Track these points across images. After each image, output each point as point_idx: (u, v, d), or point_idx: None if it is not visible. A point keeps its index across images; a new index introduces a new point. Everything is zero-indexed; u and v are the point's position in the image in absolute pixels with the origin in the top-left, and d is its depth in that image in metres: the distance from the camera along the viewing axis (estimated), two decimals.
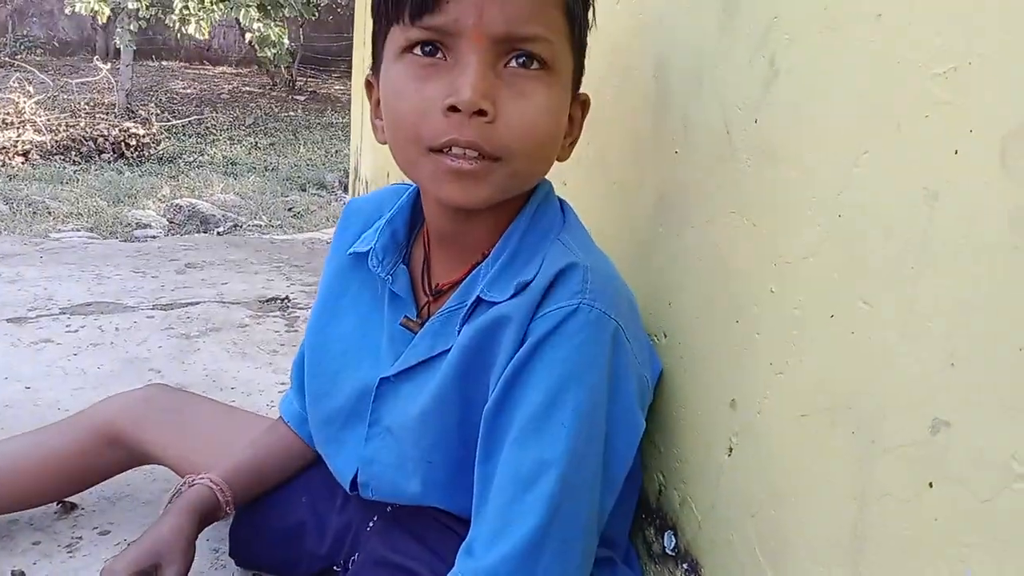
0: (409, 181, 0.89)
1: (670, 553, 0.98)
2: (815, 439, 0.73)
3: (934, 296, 0.60)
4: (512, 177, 0.79)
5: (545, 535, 0.76)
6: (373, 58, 0.86)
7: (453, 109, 0.74)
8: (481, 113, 0.74)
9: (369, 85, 0.89)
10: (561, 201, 0.92)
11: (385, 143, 0.85)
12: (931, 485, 0.61)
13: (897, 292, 0.63)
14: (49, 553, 1.15)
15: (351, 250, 0.97)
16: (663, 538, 0.99)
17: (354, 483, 0.94)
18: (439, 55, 0.77)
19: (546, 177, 0.90)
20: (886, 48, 0.64)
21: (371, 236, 0.95)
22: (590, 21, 0.86)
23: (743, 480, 0.84)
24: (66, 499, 1.25)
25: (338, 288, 1.00)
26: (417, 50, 0.77)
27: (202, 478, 1.01)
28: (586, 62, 0.87)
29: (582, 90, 0.89)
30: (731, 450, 0.86)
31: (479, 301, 0.84)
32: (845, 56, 0.68)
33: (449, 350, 0.85)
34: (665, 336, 0.98)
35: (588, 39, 0.86)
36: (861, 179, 0.67)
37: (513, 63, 0.76)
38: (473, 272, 0.87)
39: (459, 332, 0.85)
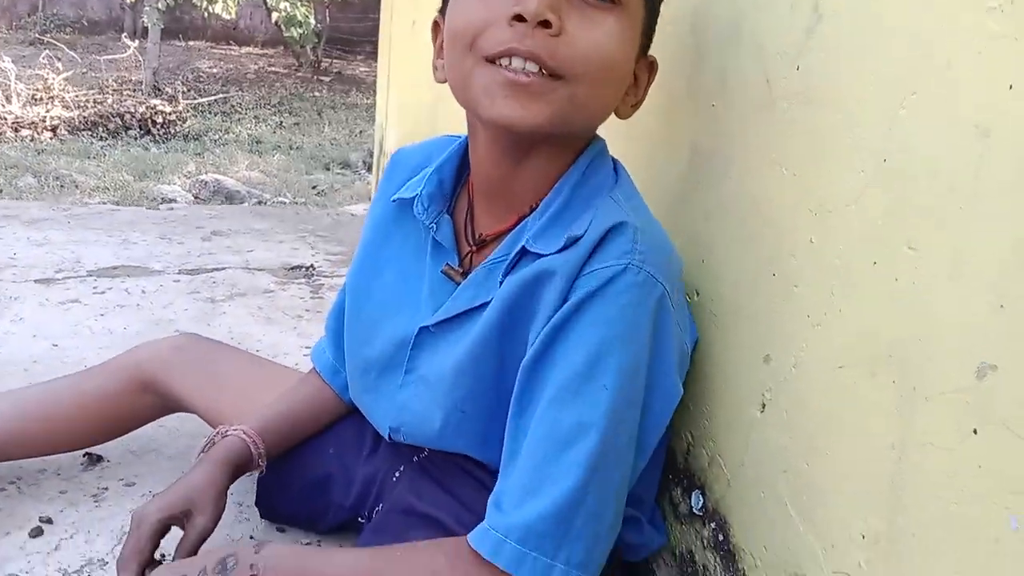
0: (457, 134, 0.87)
1: (697, 513, 0.96)
2: (853, 390, 0.71)
3: (984, 236, 0.58)
4: (571, 102, 0.76)
5: (582, 496, 0.75)
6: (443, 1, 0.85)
7: (518, 19, 0.73)
8: (546, 24, 0.73)
9: (436, 26, 0.88)
10: (615, 160, 0.90)
11: (443, 81, 0.83)
12: (975, 431, 0.59)
13: (945, 234, 0.62)
14: (75, 502, 1.16)
15: (395, 197, 0.95)
16: (690, 498, 0.98)
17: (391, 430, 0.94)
18: None
19: (599, 135, 0.88)
20: None
21: (416, 184, 0.93)
22: None
23: (776, 435, 0.82)
24: (92, 451, 1.26)
25: (380, 238, 0.98)
26: None
27: (235, 429, 1.00)
28: None
29: None
30: (764, 406, 0.84)
31: (524, 252, 0.82)
32: None
33: (491, 301, 0.84)
34: (698, 294, 0.97)
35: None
36: (908, 120, 0.65)
37: None
38: (520, 224, 0.85)
39: (501, 283, 0.84)
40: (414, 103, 2.41)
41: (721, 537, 0.92)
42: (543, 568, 0.74)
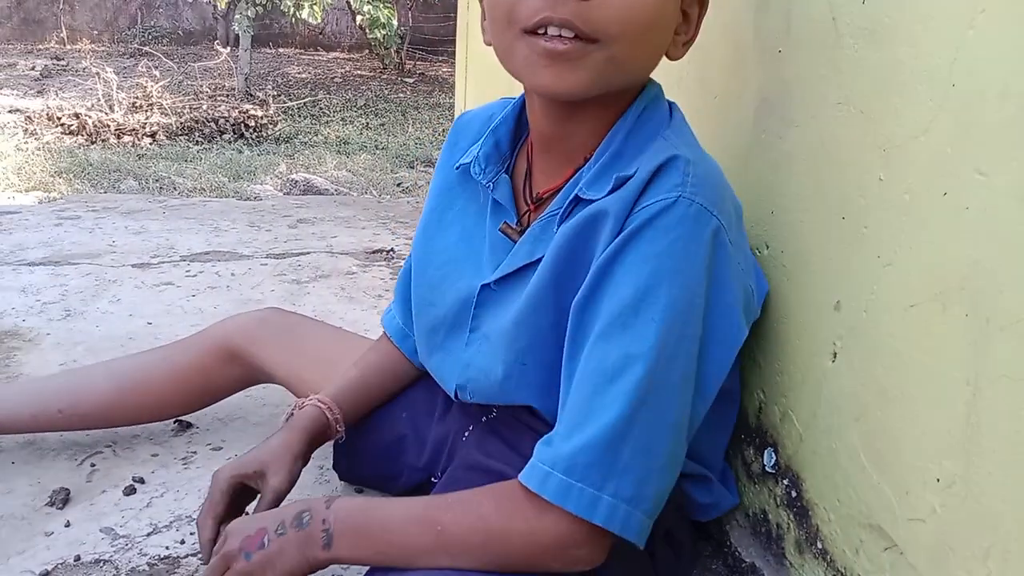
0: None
1: (770, 471, 0.95)
2: (925, 328, 0.69)
3: None
4: (610, 63, 0.76)
5: (627, 428, 0.73)
6: None
7: None
8: None
9: None
10: (671, 103, 0.88)
11: (490, 44, 0.84)
12: None
13: (1015, 155, 0.59)
14: (166, 464, 1.21)
15: (458, 163, 0.96)
16: (763, 456, 0.96)
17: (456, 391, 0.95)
18: None
19: (655, 79, 0.87)
20: None
21: (477, 147, 0.94)
22: None
23: (848, 384, 0.80)
24: (182, 419, 1.31)
25: (444, 203, 1.00)
26: None
27: (311, 399, 1.03)
28: None
29: None
30: (835, 355, 0.82)
31: (577, 200, 0.82)
32: None
33: None
34: (767, 247, 0.95)
35: None
36: (976, 41, 0.63)
37: None
38: (574, 177, 0.85)
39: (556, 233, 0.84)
40: (491, 89, 2.42)
41: (794, 494, 0.90)
42: (589, 499, 0.72)
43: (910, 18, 0.70)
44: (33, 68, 9.15)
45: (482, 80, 2.60)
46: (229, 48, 9.32)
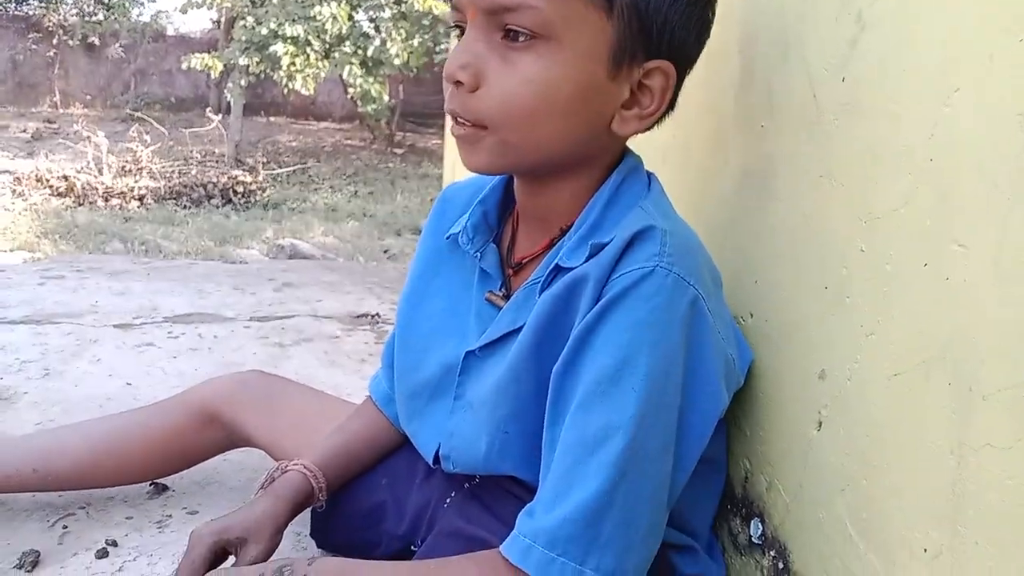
0: None
1: (756, 542, 0.94)
2: (908, 397, 0.69)
3: None
4: (504, 146, 0.80)
5: (609, 500, 0.73)
6: None
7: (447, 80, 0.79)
8: (458, 84, 0.78)
9: None
10: (650, 174, 0.90)
11: None
12: None
13: (993, 227, 0.60)
14: (140, 528, 1.19)
15: (448, 233, 0.98)
16: (749, 527, 0.95)
17: (436, 457, 0.94)
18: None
19: (634, 151, 0.89)
20: None
21: (465, 218, 0.96)
22: None
23: (833, 454, 0.80)
24: (158, 481, 1.29)
25: (430, 271, 1.01)
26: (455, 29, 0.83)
27: (296, 464, 1.01)
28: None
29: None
30: (820, 424, 0.82)
31: (557, 269, 0.83)
32: None
33: None
34: (752, 316, 0.96)
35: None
36: (952, 118, 0.65)
37: (505, 35, 0.77)
38: (556, 245, 0.86)
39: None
40: None
41: (781, 565, 0.89)
42: (572, 573, 0.72)
43: (888, 95, 0.72)
44: (25, 131, 9.24)
45: None
46: (221, 115, 9.44)
